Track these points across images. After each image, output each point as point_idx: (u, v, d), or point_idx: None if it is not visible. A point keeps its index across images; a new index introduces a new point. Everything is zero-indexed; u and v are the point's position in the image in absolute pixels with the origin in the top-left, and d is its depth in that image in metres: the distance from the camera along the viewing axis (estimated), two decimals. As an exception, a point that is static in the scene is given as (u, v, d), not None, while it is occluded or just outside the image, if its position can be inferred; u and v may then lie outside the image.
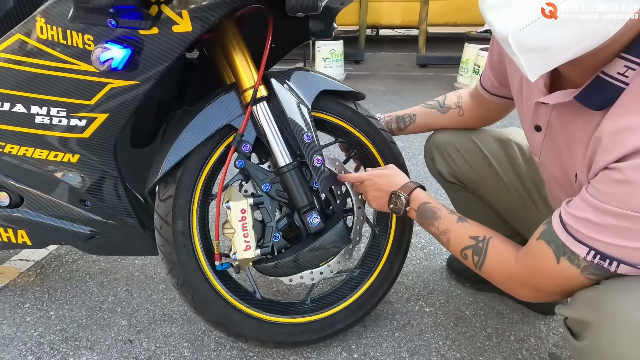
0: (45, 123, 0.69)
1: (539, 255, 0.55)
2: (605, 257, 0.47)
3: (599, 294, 0.49)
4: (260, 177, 0.80)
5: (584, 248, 0.49)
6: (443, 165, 0.95)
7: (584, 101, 0.51)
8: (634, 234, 0.44)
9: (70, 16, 0.57)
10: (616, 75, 0.47)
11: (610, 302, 0.47)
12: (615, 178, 0.44)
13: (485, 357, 0.89)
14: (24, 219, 0.82)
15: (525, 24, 0.42)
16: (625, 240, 0.45)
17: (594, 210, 0.47)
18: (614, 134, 0.45)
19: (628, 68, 0.46)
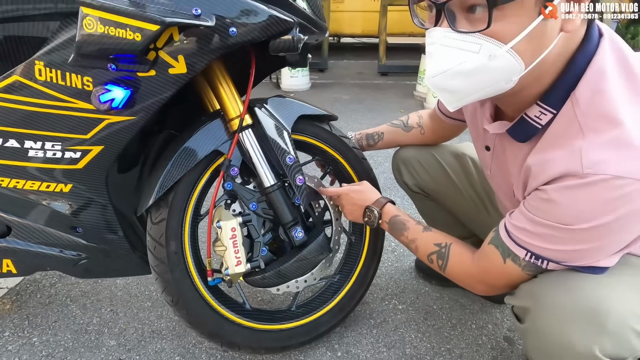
0: (39, 156, 0.72)
1: (490, 257, 0.67)
2: (538, 257, 0.59)
3: (535, 286, 0.62)
4: (247, 197, 0.87)
5: (523, 251, 0.61)
6: (409, 177, 1.07)
7: (512, 135, 0.64)
8: (557, 240, 0.56)
9: (71, 60, 0.61)
10: (534, 117, 0.60)
11: (543, 292, 0.60)
12: (543, 197, 0.57)
13: (451, 345, 1.02)
14: (10, 248, 0.83)
15: (438, 72, 0.56)
16: (552, 245, 0.57)
17: (529, 221, 0.59)
18: (540, 164, 0.58)
19: (542, 113, 0.58)
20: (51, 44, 0.62)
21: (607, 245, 0.56)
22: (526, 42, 0.51)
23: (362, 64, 4.97)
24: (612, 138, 0.51)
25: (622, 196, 0.50)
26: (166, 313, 1.13)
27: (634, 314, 0.55)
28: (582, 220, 0.53)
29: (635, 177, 0.49)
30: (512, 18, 0.50)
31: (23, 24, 0.64)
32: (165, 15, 0.58)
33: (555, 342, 0.57)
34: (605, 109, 0.53)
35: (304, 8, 0.75)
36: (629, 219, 0.52)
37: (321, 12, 0.83)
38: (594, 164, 0.51)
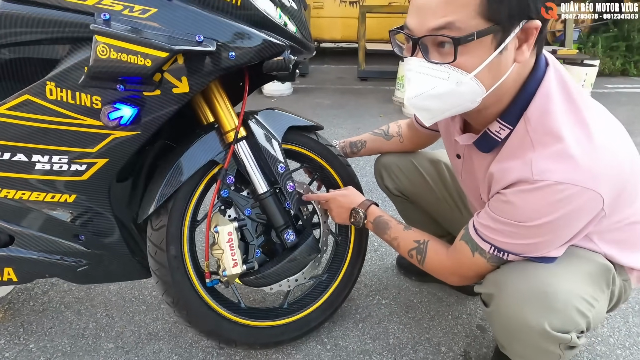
0: (45, 169, 0.76)
1: (461, 251, 0.76)
2: (500, 250, 0.70)
3: (498, 275, 0.72)
4: (242, 203, 0.94)
5: (488, 245, 0.71)
6: (389, 182, 1.16)
7: (478, 146, 0.74)
8: (515, 235, 0.67)
9: (81, 81, 0.67)
10: (495, 132, 0.70)
11: (504, 280, 0.70)
12: (503, 199, 0.67)
13: (430, 335, 1.11)
14: (13, 257, 0.86)
15: (415, 95, 0.66)
16: (511, 239, 0.67)
17: (492, 220, 0.69)
18: (501, 171, 0.68)
19: (501, 128, 0.69)
20: (62, 66, 0.67)
21: (554, 238, 0.66)
22: (486, 71, 0.61)
23: (342, 69, 5.09)
24: (555, 151, 0.62)
25: (563, 198, 0.61)
26: (161, 316, 1.17)
27: (577, 295, 0.66)
28: (534, 218, 0.63)
29: (573, 183, 0.60)
30: (474, 52, 0.59)
31: (35, 47, 0.68)
32: (173, 43, 0.64)
33: (514, 321, 0.68)
34: (551, 126, 0.63)
35: (294, 32, 0.83)
36: (569, 216, 0.63)
37: (309, 34, 0.91)
38: (541, 172, 0.62)
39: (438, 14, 0.59)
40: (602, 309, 0.72)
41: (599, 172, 0.61)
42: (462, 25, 0.58)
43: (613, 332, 1.13)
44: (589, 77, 3.28)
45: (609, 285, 0.73)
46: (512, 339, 0.72)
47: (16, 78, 0.71)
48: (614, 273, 0.74)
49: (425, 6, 0.61)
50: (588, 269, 0.71)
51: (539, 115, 0.65)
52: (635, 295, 1.27)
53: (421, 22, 0.61)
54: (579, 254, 0.72)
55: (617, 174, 0.64)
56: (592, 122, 0.64)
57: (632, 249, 0.79)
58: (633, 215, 0.75)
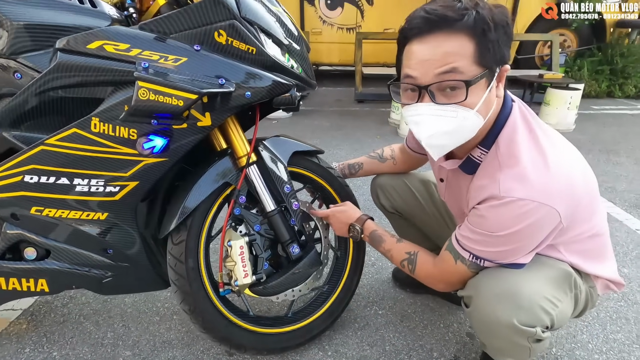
0: (84, 191, 0.88)
1: (445, 260, 0.88)
2: (478, 258, 0.81)
3: (476, 280, 0.83)
4: (252, 220, 1.05)
5: (467, 253, 0.82)
6: (385, 200, 1.28)
7: (463, 169, 0.87)
8: (489, 243, 0.78)
9: (122, 117, 0.79)
10: (476, 156, 0.83)
11: (481, 283, 0.81)
12: (477, 213, 0.79)
13: (423, 342, 1.21)
14: (48, 269, 0.97)
15: (431, 134, 0.77)
16: (486, 247, 0.79)
17: (470, 231, 0.80)
18: (476, 189, 0.80)
19: (481, 153, 0.82)
20: (106, 104, 0.80)
21: (521, 247, 0.78)
22: (483, 105, 0.74)
23: (339, 91, 5.28)
24: (517, 172, 0.74)
25: (525, 212, 0.73)
26: (174, 326, 1.26)
27: (541, 296, 0.77)
28: (503, 228, 0.75)
29: (531, 199, 0.72)
30: (475, 92, 0.72)
31: (85, 88, 0.81)
32: (201, 87, 0.77)
33: (489, 317, 0.79)
34: (514, 152, 0.76)
35: (299, 72, 0.97)
36: (531, 228, 0.75)
37: (312, 72, 1.05)
38: (507, 190, 0.74)
39: (443, 62, 0.71)
40: (565, 309, 0.83)
41: (554, 190, 0.74)
42: (465, 70, 0.71)
43: (591, 339, 1.22)
44: (574, 100, 3.46)
45: (571, 288, 0.84)
46: (489, 334, 0.83)
47: (65, 113, 0.83)
48: (575, 278, 0.85)
49: (430, 57, 0.72)
50: (552, 274, 0.82)
51: (506, 142, 0.78)
52: (613, 305, 1.37)
53: (426, 72, 0.72)
54: (545, 262, 0.83)
55: (570, 192, 0.76)
56: (548, 149, 0.77)
57: (595, 258, 0.90)
58: (593, 229, 0.87)
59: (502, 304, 0.77)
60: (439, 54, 0.71)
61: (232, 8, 0.82)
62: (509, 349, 0.82)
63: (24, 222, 0.91)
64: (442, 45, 0.71)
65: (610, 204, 2.13)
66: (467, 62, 0.71)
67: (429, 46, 0.72)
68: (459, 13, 0.70)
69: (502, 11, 0.74)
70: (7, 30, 0.81)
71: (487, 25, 0.70)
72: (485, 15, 0.70)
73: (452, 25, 0.70)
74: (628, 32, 5.11)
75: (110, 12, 0.94)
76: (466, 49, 0.70)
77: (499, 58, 0.73)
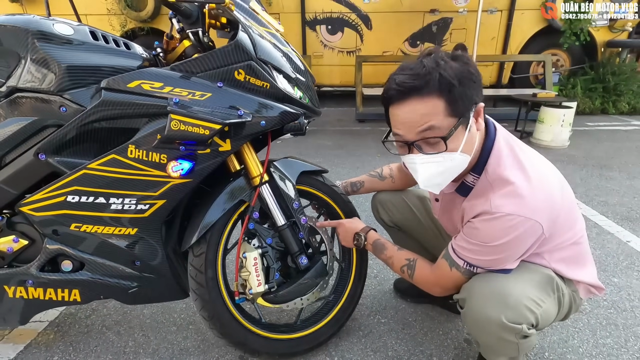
0: (118, 209, 1.00)
1: (441, 267, 0.98)
2: (471, 265, 0.91)
3: (469, 284, 0.93)
4: (264, 234, 1.16)
5: (462, 261, 0.93)
6: (385, 215, 1.39)
7: (459, 192, 0.98)
8: (481, 253, 0.89)
9: (155, 144, 0.92)
10: (469, 181, 0.95)
11: (474, 287, 0.92)
12: (472, 226, 0.89)
13: (423, 347, 1.29)
14: (82, 280, 1.07)
15: (427, 178, 0.90)
16: (478, 256, 0.89)
17: (465, 242, 0.91)
18: (470, 207, 0.91)
19: (473, 178, 0.94)
20: (141, 133, 0.93)
21: (510, 255, 0.88)
22: (466, 144, 0.86)
23: (341, 111, 5.47)
24: (506, 192, 0.85)
25: (513, 225, 0.84)
26: (190, 335, 1.35)
27: (526, 296, 0.87)
28: (494, 240, 0.86)
29: (518, 214, 0.83)
30: (455, 139, 0.85)
31: (123, 120, 0.94)
32: (224, 118, 0.90)
33: (480, 316, 0.89)
34: (501, 175, 0.88)
35: (306, 102, 1.10)
36: (518, 239, 0.85)
37: (317, 101, 1.18)
38: (497, 207, 0.85)
39: (420, 122, 0.84)
40: (549, 310, 0.93)
41: (537, 206, 0.85)
42: (440, 125, 0.84)
43: (582, 344, 1.30)
44: (567, 117, 3.59)
45: (554, 291, 0.94)
46: (480, 332, 0.93)
47: (103, 141, 0.96)
48: (557, 282, 0.95)
49: (408, 120, 0.85)
50: (535, 277, 0.92)
51: (494, 167, 0.90)
52: (603, 312, 1.45)
53: (409, 130, 0.86)
54: (530, 267, 0.93)
55: (550, 206, 0.87)
56: (529, 168, 0.89)
57: (576, 265, 1.00)
58: (574, 237, 0.97)
59: (491, 304, 0.87)
60: (416, 116, 0.84)
61: (250, 51, 0.96)
62: (499, 346, 0.92)
63: (63, 237, 1.03)
64: (416, 109, 0.84)
65: (602, 217, 2.23)
66: (441, 117, 0.83)
67: (406, 110, 0.85)
68: (424, 79, 0.81)
69: (462, 61, 0.84)
70: (55, 70, 0.95)
71: (451, 83, 0.80)
72: (447, 75, 0.80)
73: (421, 91, 0.82)
74: (618, 52, 5.30)
75: (141, 53, 1.08)
76: (438, 107, 0.82)
77: (469, 104, 0.84)
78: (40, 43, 0.92)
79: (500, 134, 0.94)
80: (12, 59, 0.96)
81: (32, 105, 0.96)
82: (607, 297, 1.54)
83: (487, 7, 5.00)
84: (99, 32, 1.02)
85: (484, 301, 0.89)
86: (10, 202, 1.02)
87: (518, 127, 4.18)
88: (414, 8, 5.19)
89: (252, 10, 1.06)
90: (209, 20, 1.03)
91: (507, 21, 5.16)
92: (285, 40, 1.15)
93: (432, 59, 0.84)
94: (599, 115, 5.06)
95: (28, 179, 1.00)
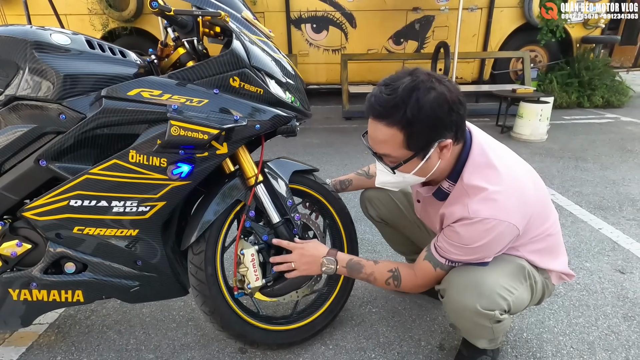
0: (119, 211, 1.04)
1: (426, 269, 1.05)
2: (453, 262, 0.99)
3: (449, 275, 1.02)
4: (260, 231, 1.22)
5: (444, 259, 1.00)
6: (372, 211, 1.47)
7: (435, 196, 1.06)
8: (462, 253, 0.96)
9: (155, 149, 0.97)
10: (445, 187, 1.02)
11: (453, 278, 1.00)
12: (453, 230, 0.96)
13: (412, 333, 1.37)
14: (85, 281, 1.11)
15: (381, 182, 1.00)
16: (460, 256, 0.97)
17: (447, 243, 0.98)
18: (449, 213, 0.98)
19: (449, 185, 1.01)
20: (141, 139, 0.97)
21: (488, 254, 0.97)
22: (421, 169, 0.94)
23: (328, 109, 5.53)
24: (481, 197, 0.92)
25: (490, 228, 0.92)
26: (190, 330, 1.41)
27: (499, 285, 0.96)
28: (473, 242, 0.94)
29: (494, 217, 0.91)
30: (407, 166, 0.93)
31: (124, 126, 0.98)
32: (221, 123, 0.96)
33: (457, 304, 0.98)
34: (476, 183, 0.94)
35: (297, 105, 1.16)
36: (495, 239, 0.93)
37: (308, 103, 1.25)
38: (474, 212, 0.92)
39: (379, 148, 0.93)
40: (521, 296, 1.02)
41: (510, 208, 0.92)
42: (395, 155, 0.92)
43: (557, 324, 1.41)
44: (545, 112, 3.75)
45: (526, 279, 1.03)
46: (458, 318, 1.02)
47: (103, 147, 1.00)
48: (529, 270, 1.04)
49: (373, 136, 0.93)
50: (508, 268, 1.02)
51: (469, 175, 0.96)
52: (576, 294, 1.56)
53: (374, 145, 0.95)
54: (503, 258, 1.03)
55: (523, 205, 0.95)
56: (503, 172, 0.95)
57: (549, 256, 1.10)
58: (547, 230, 1.06)
59: (467, 293, 0.96)
60: (377, 137, 0.92)
61: (244, 59, 1.02)
62: (476, 330, 1.01)
63: (66, 240, 1.06)
64: (379, 131, 0.90)
65: (577, 207, 2.36)
66: (397, 148, 0.90)
67: (374, 128, 0.92)
68: (391, 110, 0.86)
69: (445, 88, 0.86)
70: (54, 79, 0.98)
71: (413, 122, 0.85)
72: (411, 114, 0.84)
73: (387, 118, 0.88)
74: (592, 47, 5.52)
75: (136, 60, 1.12)
76: (396, 138, 0.89)
77: (429, 141, 0.89)
78: (38, 53, 0.96)
79: (476, 141, 0.99)
80: (10, 69, 0.99)
81: (31, 113, 1.00)
82: (580, 280, 1.65)
83: (468, 5, 5.13)
84: (94, 41, 1.06)
85: (460, 291, 0.98)
86: (11, 207, 1.06)
87: (499, 122, 4.33)
88: (397, 6, 5.28)
89: (244, 20, 1.11)
90: (203, 29, 1.08)
91: (487, 19, 5.31)
92: (276, 47, 1.21)
93: (410, 86, 0.85)
94: (575, 109, 5.27)
95: (28, 185, 1.04)
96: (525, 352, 1.28)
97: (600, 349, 1.29)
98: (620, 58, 5.82)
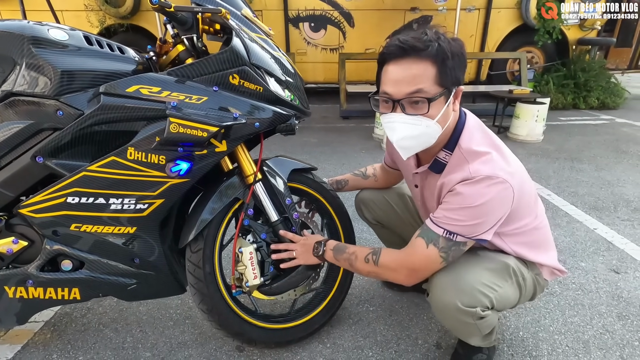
0: (117, 209, 1.03)
1: (417, 246, 0.99)
2: (451, 233, 0.95)
3: (433, 276, 1.02)
4: (259, 229, 1.22)
5: (441, 229, 0.96)
6: (367, 213, 1.47)
7: (432, 169, 1.05)
8: (462, 216, 0.93)
9: (154, 146, 0.96)
10: (442, 158, 1.02)
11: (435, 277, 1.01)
12: (454, 193, 0.94)
13: (409, 332, 1.38)
14: (82, 279, 1.10)
15: (401, 138, 0.96)
16: (458, 222, 0.93)
17: (445, 210, 0.96)
18: (447, 181, 0.97)
19: (445, 154, 1.01)
20: (140, 136, 0.97)
21: (488, 220, 0.93)
22: (442, 117, 0.94)
23: (325, 108, 5.53)
24: (483, 159, 0.93)
25: (492, 184, 0.91)
26: (187, 329, 1.40)
27: (479, 282, 0.98)
28: (475, 200, 0.91)
29: (496, 175, 0.91)
30: (436, 106, 0.92)
31: (122, 123, 0.97)
32: (221, 121, 0.96)
33: (440, 302, 1.00)
34: (475, 148, 0.96)
35: (297, 104, 1.16)
36: (496, 200, 0.92)
37: (307, 102, 1.24)
38: (476, 171, 0.92)
39: (411, 84, 0.90)
40: (506, 293, 1.03)
41: (510, 172, 0.94)
42: (427, 90, 0.91)
43: (553, 322, 1.42)
44: (541, 113, 3.77)
45: (511, 276, 1.04)
46: (443, 316, 1.04)
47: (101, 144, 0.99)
48: (514, 268, 1.05)
49: (401, 79, 0.91)
50: (490, 265, 1.03)
51: (467, 142, 0.98)
52: (572, 294, 1.58)
53: (399, 90, 0.92)
54: (487, 256, 1.04)
55: (520, 177, 0.97)
56: (502, 146, 0.99)
57: (538, 249, 1.10)
58: (533, 222, 1.07)
59: (448, 291, 0.98)
60: (409, 76, 0.91)
61: (244, 57, 1.01)
62: (460, 327, 1.03)
63: (63, 237, 1.05)
64: (411, 68, 0.91)
65: (572, 207, 2.38)
66: (430, 83, 0.91)
67: (402, 68, 0.92)
68: (425, 44, 0.89)
69: (458, 43, 0.94)
70: (51, 75, 0.97)
71: (446, 55, 0.89)
72: (445, 47, 0.89)
73: (419, 54, 0.90)
74: (588, 49, 5.56)
75: (135, 56, 1.11)
76: (429, 72, 0.90)
77: (455, 80, 0.92)
78: (35, 48, 0.95)
79: (470, 118, 1.04)
80: (6, 64, 0.98)
81: (28, 109, 0.99)
82: (575, 279, 1.67)
83: (465, 5, 5.15)
84: (93, 37, 1.05)
85: (442, 289, 0.99)
86: (7, 204, 1.05)
87: (496, 123, 4.35)
88: (395, 6, 5.29)
89: (244, 17, 1.11)
90: (202, 27, 1.07)
91: (484, 19, 5.33)
92: (276, 45, 1.20)
93: (434, 32, 0.92)
94: (571, 110, 5.31)
95: (25, 181, 1.03)
96: (521, 351, 1.29)
97: (595, 348, 1.30)
98: (616, 60, 5.85)
